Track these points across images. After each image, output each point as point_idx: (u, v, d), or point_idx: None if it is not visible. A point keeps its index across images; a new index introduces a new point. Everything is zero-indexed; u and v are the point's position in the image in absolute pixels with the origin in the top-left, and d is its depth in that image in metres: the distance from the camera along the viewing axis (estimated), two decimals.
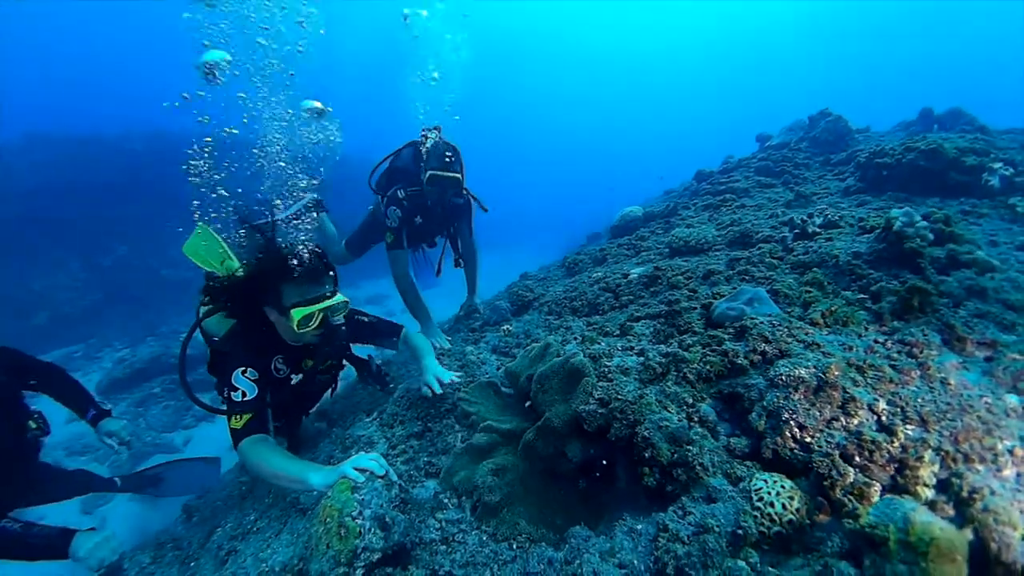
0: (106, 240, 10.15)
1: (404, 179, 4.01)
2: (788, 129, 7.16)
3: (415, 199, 3.93)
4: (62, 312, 9.21)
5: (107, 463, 6.70)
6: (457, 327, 4.40)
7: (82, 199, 10.13)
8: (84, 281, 9.69)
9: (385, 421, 2.74)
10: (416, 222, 4.06)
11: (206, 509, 4.04)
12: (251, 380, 2.37)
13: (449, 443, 2.41)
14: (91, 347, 8.83)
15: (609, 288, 3.31)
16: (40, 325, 8.95)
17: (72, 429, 7.24)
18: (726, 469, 1.73)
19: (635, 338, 2.44)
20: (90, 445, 6.90)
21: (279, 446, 2.34)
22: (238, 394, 2.31)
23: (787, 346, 2.05)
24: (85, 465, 6.61)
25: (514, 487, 2.01)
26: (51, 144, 11.20)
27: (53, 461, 6.62)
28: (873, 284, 2.64)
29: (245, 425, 2.27)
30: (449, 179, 3.70)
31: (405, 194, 3.92)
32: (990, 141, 5.02)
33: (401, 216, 3.92)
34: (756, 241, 3.51)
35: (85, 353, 8.70)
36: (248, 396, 2.33)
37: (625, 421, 1.84)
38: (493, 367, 3.07)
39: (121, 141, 11.76)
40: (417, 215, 4.02)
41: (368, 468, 2.05)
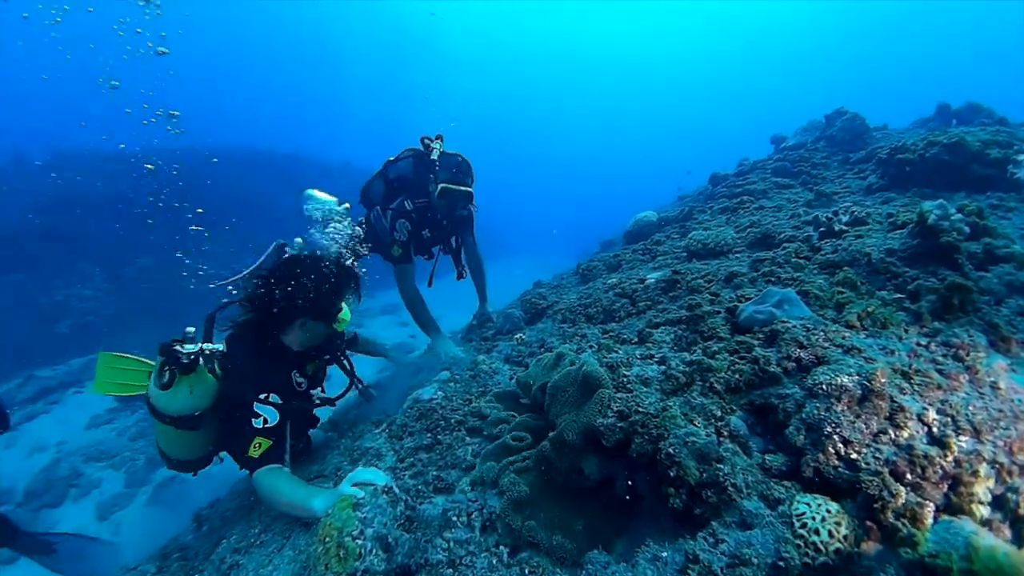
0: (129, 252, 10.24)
1: (409, 190, 3.81)
2: (803, 129, 6.90)
3: (423, 211, 3.74)
4: (84, 321, 9.22)
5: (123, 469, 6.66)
6: (470, 336, 4.24)
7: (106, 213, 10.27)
8: (107, 291, 9.73)
9: (394, 433, 2.58)
10: (424, 235, 3.89)
11: (216, 518, 3.92)
12: (273, 406, 2.26)
13: (459, 457, 2.24)
14: None
15: (625, 294, 3.12)
16: (62, 333, 8.95)
17: (92, 435, 7.22)
18: (762, 490, 1.53)
19: (655, 345, 2.25)
20: (107, 451, 6.86)
21: (291, 474, 2.22)
22: (259, 420, 2.20)
23: (824, 351, 1.84)
24: (102, 471, 6.63)
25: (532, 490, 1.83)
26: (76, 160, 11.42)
27: (70, 467, 6.67)
28: (910, 282, 2.42)
29: (263, 454, 2.16)
30: (461, 192, 3.52)
31: (413, 206, 3.72)
32: (1012, 133, 4.75)
33: (410, 229, 3.73)
34: (779, 242, 3.30)
35: None
36: (269, 423, 2.22)
37: (647, 436, 1.64)
38: (506, 377, 2.90)
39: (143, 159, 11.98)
40: (425, 228, 3.84)
41: (368, 481, 1.93)
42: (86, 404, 7.82)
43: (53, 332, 8.97)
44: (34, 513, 6.05)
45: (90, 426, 7.43)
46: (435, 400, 2.64)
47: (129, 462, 6.74)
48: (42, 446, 7.17)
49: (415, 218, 3.73)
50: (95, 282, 9.80)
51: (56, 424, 7.69)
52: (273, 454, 2.19)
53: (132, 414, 7.58)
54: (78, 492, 6.50)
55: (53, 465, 6.79)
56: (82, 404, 7.87)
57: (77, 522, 5.96)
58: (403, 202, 3.75)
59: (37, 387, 8.10)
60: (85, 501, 6.34)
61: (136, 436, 7.22)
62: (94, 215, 10.28)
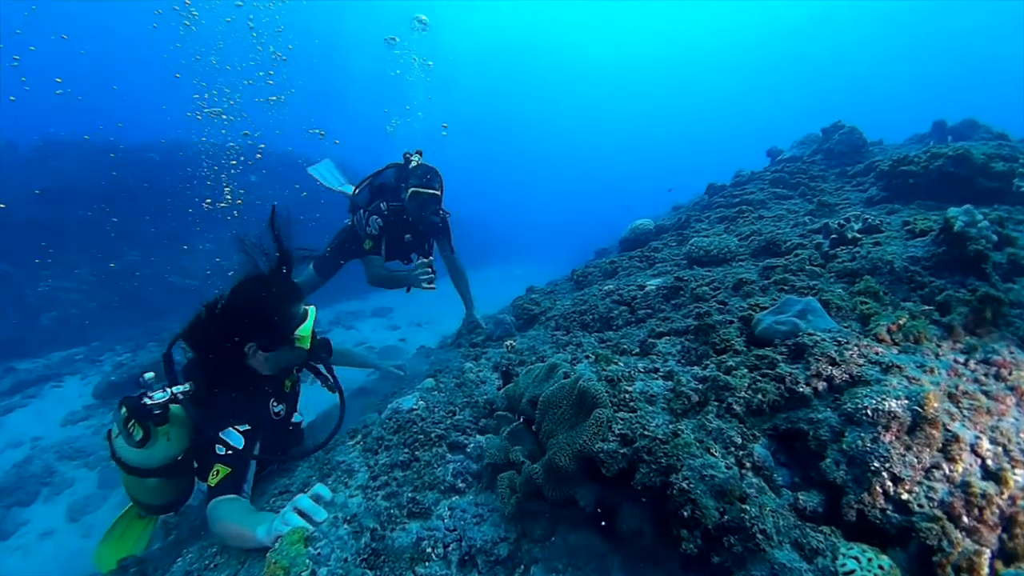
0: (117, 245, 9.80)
1: (386, 195, 4.15)
2: (800, 143, 6.68)
3: (396, 213, 4.05)
4: (68, 314, 8.76)
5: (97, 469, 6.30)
6: (459, 342, 3.93)
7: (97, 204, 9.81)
8: (92, 284, 9.26)
9: (369, 446, 2.25)
10: (404, 239, 4.22)
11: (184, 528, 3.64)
12: (239, 432, 2.04)
13: (438, 477, 1.92)
14: (93, 350, 8.38)
15: (623, 301, 2.82)
16: (45, 326, 8.52)
17: (67, 432, 6.80)
18: (796, 537, 1.22)
19: (659, 358, 1.94)
20: (82, 450, 6.38)
21: (245, 503, 1.95)
22: (221, 447, 1.99)
23: (859, 369, 1.55)
24: (75, 470, 6.21)
25: None
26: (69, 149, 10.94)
27: (44, 464, 6.27)
28: (938, 293, 2.15)
29: (219, 483, 1.95)
30: (428, 195, 3.88)
31: (388, 206, 4.04)
32: (1015, 147, 4.54)
33: (382, 225, 4.04)
34: (785, 250, 3.01)
35: (87, 356, 8.28)
36: (232, 448, 1.99)
37: (656, 466, 1.34)
38: (494, 387, 2.59)
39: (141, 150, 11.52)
40: (400, 229, 4.15)
41: (306, 512, 1.64)
42: (64, 399, 7.40)
43: (35, 324, 8.54)
44: (5, 511, 5.69)
45: (66, 423, 7.00)
46: (415, 411, 2.32)
47: (104, 462, 6.32)
48: (17, 441, 6.76)
49: (390, 218, 4.04)
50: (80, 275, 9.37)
51: (32, 419, 7.27)
52: (230, 484, 1.96)
53: (109, 412, 7.19)
54: (50, 491, 6.11)
55: (26, 462, 6.39)
56: (60, 399, 7.44)
57: (48, 523, 5.62)
58: (379, 204, 4.06)
59: (15, 380, 7.68)
60: (57, 501, 5.96)
61: None
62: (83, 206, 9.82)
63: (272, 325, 2.07)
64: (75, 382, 7.93)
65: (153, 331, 8.73)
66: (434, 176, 3.93)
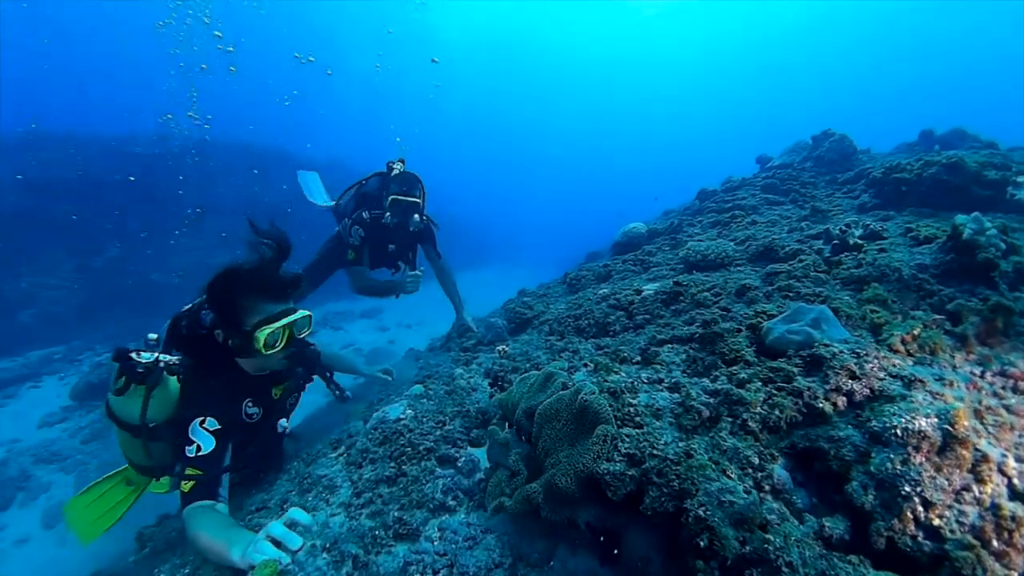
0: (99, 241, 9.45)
1: (369, 204, 4.11)
2: (790, 150, 6.63)
3: (377, 221, 4.00)
4: (48, 311, 8.45)
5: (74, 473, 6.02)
6: (448, 346, 3.77)
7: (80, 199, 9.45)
8: (73, 282, 8.94)
9: (352, 459, 2.09)
10: (388, 248, 4.17)
11: (160, 540, 3.45)
12: (209, 432, 1.93)
13: (427, 494, 1.76)
14: (73, 350, 8.08)
15: (620, 306, 2.69)
16: (24, 323, 8.19)
17: (43, 435, 6.49)
18: (823, 569, 1.09)
19: (663, 367, 1.81)
20: (59, 453, 6.11)
21: (222, 513, 1.82)
22: (192, 448, 1.89)
23: (881, 383, 1.43)
24: (52, 475, 5.92)
25: None
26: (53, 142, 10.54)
27: (20, 468, 5.99)
28: (948, 302, 2.05)
29: (193, 488, 1.85)
30: (408, 203, 3.89)
31: (369, 216, 4.00)
32: (1007, 156, 4.50)
33: (363, 235, 4.02)
34: (783, 256, 2.91)
35: (65, 355, 7.97)
36: (203, 451, 1.89)
37: (668, 490, 1.20)
38: (485, 395, 2.44)
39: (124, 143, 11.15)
40: (383, 238, 4.11)
41: (280, 540, 1.50)
42: (42, 400, 7.11)
43: (15, 321, 8.20)
44: None
45: (43, 424, 6.71)
46: (403, 421, 2.16)
47: (80, 466, 6.05)
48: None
49: (370, 226, 4.00)
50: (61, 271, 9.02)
51: (9, 420, 6.95)
52: (203, 490, 1.85)
53: (87, 414, 6.90)
54: (26, 496, 5.83)
55: (2, 465, 6.12)
56: (37, 400, 7.14)
57: (23, 529, 5.37)
58: (361, 213, 4.03)
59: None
60: (33, 506, 5.69)
61: (89, 439, 6.53)
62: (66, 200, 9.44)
63: (231, 309, 1.97)
64: (53, 382, 7.61)
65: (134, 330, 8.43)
66: (414, 184, 3.97)
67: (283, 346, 2.05)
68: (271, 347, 2.00)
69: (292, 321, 2.04)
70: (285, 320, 2.00)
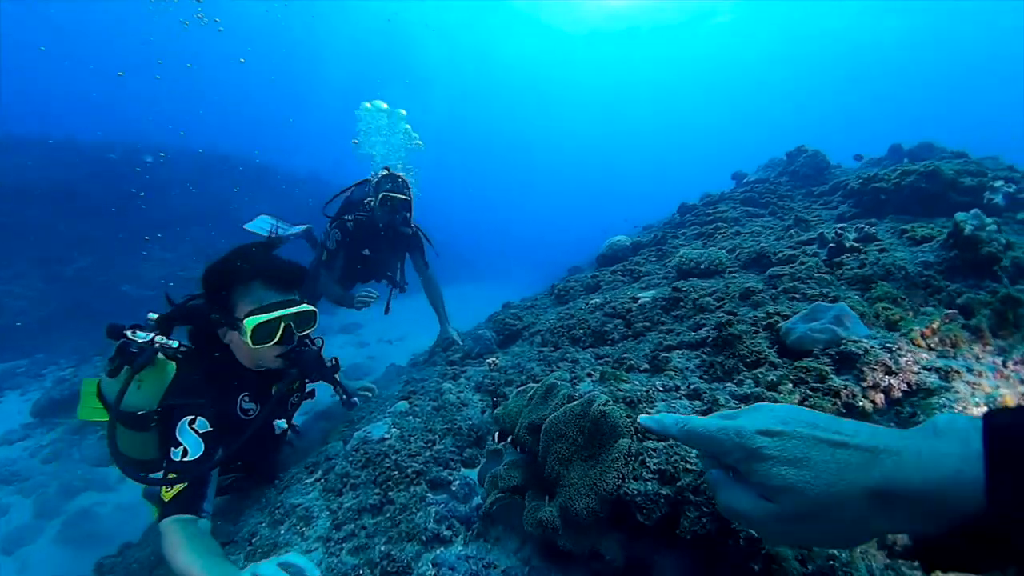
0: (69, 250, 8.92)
1: (354, 208, 4.00)
2: (765, 166, 6.70)
3: (362, 223, 3.86)
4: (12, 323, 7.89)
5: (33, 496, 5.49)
6: (433, 360, 3.54)
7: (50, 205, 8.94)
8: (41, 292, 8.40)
9: (331, 484, 1.83)
10: (363, 253, 3.99)
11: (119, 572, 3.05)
12: (198, 434, 1.69)
13: (417, 524, 1.52)
14: (36, 363, 7.55)
15: (617, 314, 2.52)
16: None
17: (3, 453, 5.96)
18: None
19: (678, 374, 1.63)
20: (18, 473, 5.64)
21: (204, 533, 1.59)
22: (177, 451, 1.66)
23: (917, 377, 1.29)
24: (10, 496, 5.40)
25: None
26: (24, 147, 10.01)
27: None
28: (957, 296, 1.96)
29: (174, 497, 1.60)
30: (399, 200, 3.71)
31: (353, 218, 3.86)
32: (980, 164, 4.59)
33: (339, 240, 3.87)
34: (776, 261, 2.81)
35: (29, 369, 7.43)
36: (189, 455, 1.65)
37: (708, 509, 1.01)
38: (477, 410, 2.21)
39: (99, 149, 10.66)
40: (364, 245, 3.94)
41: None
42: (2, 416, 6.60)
43: None
44: None
45: (3, 442, 6.16)
46: (387, 441, 1.92)
47: (40, 488, 5.56)
48: None
49: (351, 231, 3.85)
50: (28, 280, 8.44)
51: None
52: (186, 501, 1.60)
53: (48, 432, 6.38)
54: None
55: None
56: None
57: None
58: (344, 217, 3.90)
59: None
60: None
61: (50, 458, 6.03)
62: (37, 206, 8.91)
63: (225, 292, 1.76)
64: (15, 398, 7.08)
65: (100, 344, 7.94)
66: (404, 182, 3.81)
67: (276, 342, 1.79)
68: (262, 341, 1.75)
69: (288, 315, 1.79)
70: (279, 312, 1.76)
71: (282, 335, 1.80)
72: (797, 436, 0.65)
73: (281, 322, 1.79)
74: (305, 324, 1.90)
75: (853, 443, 0.61)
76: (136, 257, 9.08)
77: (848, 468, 0.59)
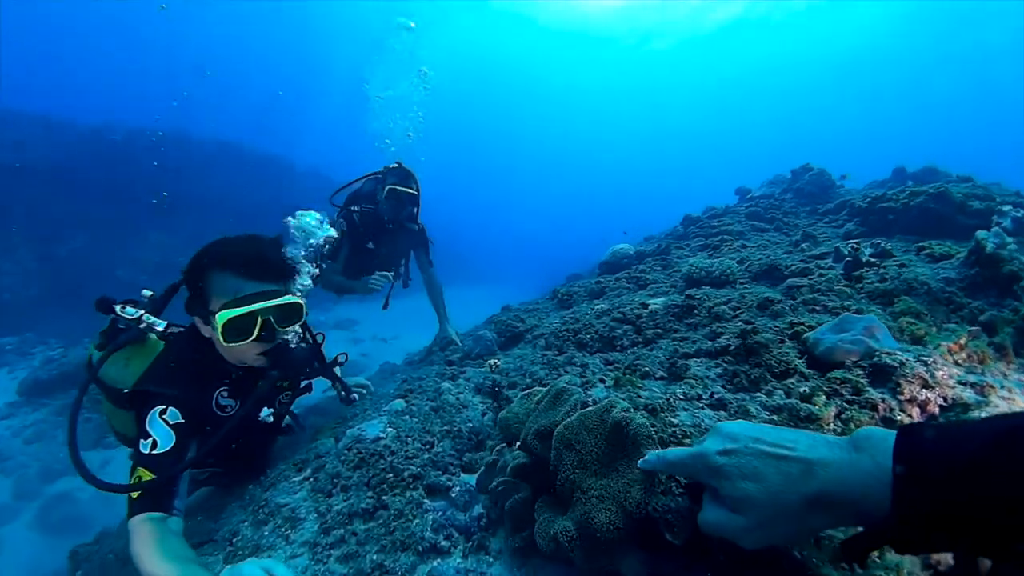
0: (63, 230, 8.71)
1: (361, 200, 3.93)
2: (769, 182, 6.66)
3: (368, 216, 3.80)
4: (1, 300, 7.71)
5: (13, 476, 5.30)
6: (430, 359, 3.42)
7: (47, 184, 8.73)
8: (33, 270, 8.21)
9: (320, 485, 1.69)
10: (367, 246, 3.91)
11: (95, 561, 2.90)
12: (169, 425, 1.56)
13: (414, 532, 1.40)
14: (25, 342, 7.39)
15: (626, 319, 2.42)
16: None
17: None
18: None
19: (698, 383, 1.52)
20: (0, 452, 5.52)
21: (174, 534, 1.45)
22: (146, 443, 1.53)
23: (954, 391, 1.21)
24: None
25: None
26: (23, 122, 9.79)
27: None
28: (979, 313, 1.89)
29: (141, 494, 1.47)
30: (406, 194, 3.64)
31: (360, 210, 3.80)
32: (986, 188, 4.57)
33: (345, 230, 3.78)
34: (789, 274, 2.73)
35: (17, 348, 7.26)
36: (159, 448, 1.52)
37: None
38: (477, 412, 2.09)
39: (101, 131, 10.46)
40: (368, 238, 3.86)
41: None
42: None
43: None
44: None
45: None
46: (383, 441, 1.80)
47: (21, 469, 5.41)
48: None
49: (357, 223, 3.78)
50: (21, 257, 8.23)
51: None
52: (156, 497, 1.48)
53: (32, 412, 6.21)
54: None
55: None
56: None
57: None
58: (351, 207, 3.83)
59: None
60: None
61: (32, 439, 5.90)
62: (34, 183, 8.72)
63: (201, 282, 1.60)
64: (2, 375, 6.91)
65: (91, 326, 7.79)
66: (411, 176, 3.74)
67: (254, 338, 1.58)
68: (236, 338, 1.56)
69: (266, 308, 1.57)
70: (255, 306, 1.54)
71: (260, 331, 1.59)
72: (747, 452, 0.77)
73: (258, 316, 1.57)
74: (288, 319, 1.68)
75: (793, 456, 0.73)
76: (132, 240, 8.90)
77: (790, 479, 0.72)
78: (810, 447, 0.73)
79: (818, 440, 0.75)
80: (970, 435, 0.61)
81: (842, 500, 0.67)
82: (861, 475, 0.66)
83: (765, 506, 0.73)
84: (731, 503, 0.78)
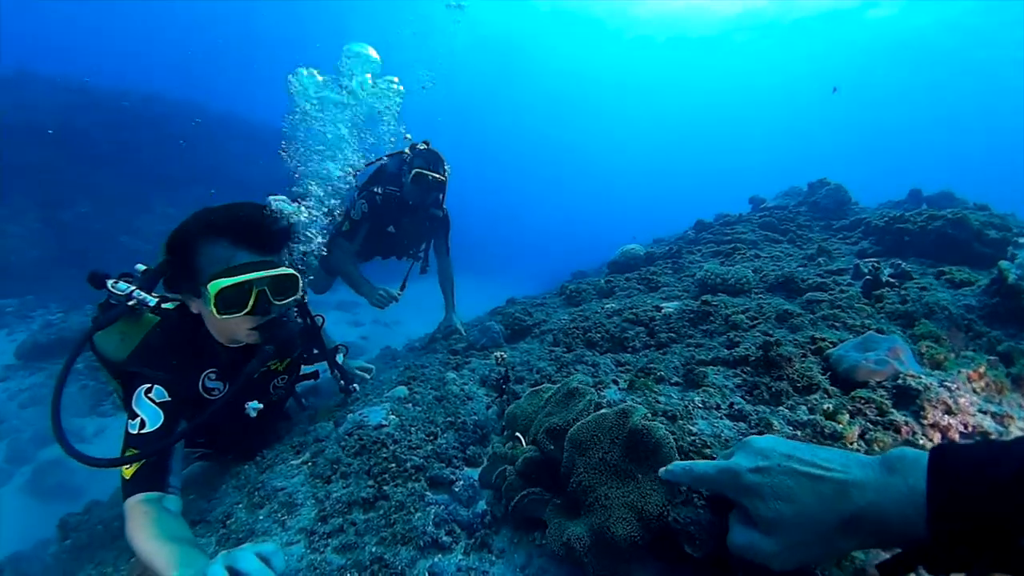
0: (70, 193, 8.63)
1: (384, 181, 3.71)
2: (784, 194, 6.59)
3: (391, 199, 3.62)
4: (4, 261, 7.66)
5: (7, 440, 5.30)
6: (433, 347, 3.38)
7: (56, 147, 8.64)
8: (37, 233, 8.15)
9: (319, 470, 1.65)
10: (388, 229, 3.77)
11: (84, 532, 2.88)
12: (155, 403, 1.51)
13: (415, 526, 1.35)
14: (26, 304, 7.35)
15: (639, 321, 2.37)
16: None
17: None
18: None
19: (716, 391, 1.48)
20: None
21: (171, 513, 1.41)
22: (135, 423, 1.49)
23: (974, 419, 1.18)
24: None
25: None
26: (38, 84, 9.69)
27: None
28: (997, 343, 1.85)
29: (136, 474, 1.43)
30: (433, 179, 3.45)
31: (383, 191, 3.61)
32: (1003, 218, 4.52)
33: (366, 211, 3.60)
34: (805, 287, 2.68)
35: (18, 310, 7.22)
36: (147, 427, 1.47)
37: None
38: (482, 404, 2.05)
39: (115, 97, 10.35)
40: (390, 221, 3.71)
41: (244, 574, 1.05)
42: None
43: None
44: None
45: None
46: (385, 428, 1.75)
47: (14, 433, 5.41)
48: None
49: (379, 204, 3.60)
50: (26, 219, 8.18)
51: None
52: (148, 477, 1.43)
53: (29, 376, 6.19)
54: None
55: None
56: None
57: None
58: (373, 188, 3.64)
59: None
60: None
61: (27, 403, 5.88)
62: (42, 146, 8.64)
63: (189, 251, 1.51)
64: (1, 337, 6.86)
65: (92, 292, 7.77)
66: (440, 160, 3.52)
67: (248, 311, 1.51)
68: (229, 309, 1.48)
69: (261, 278, 1.50)
70: (250, 275, 1.46)
71: (255, 303, 1.52)
72: (781, 471, 0.76)
73: (253, 287, 1.50)
74: (284, 291, 1.60)
75: (828, 477, 0.72)
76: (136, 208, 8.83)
77: (825, 500, 0.71)
78: (844, 467, 0.72)
79: (851, 460, 0.74)
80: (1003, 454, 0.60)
81: (876, 522, 0.67)
82: (897, 497, 0.65)
83: (798, 528, 0.72)
84: (763, 524, 0.76)
